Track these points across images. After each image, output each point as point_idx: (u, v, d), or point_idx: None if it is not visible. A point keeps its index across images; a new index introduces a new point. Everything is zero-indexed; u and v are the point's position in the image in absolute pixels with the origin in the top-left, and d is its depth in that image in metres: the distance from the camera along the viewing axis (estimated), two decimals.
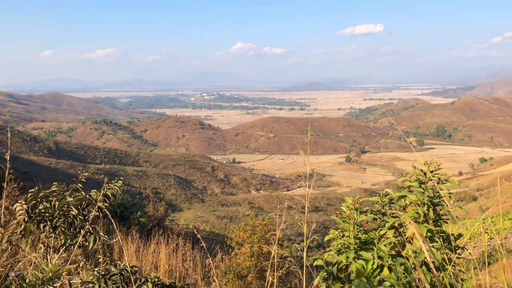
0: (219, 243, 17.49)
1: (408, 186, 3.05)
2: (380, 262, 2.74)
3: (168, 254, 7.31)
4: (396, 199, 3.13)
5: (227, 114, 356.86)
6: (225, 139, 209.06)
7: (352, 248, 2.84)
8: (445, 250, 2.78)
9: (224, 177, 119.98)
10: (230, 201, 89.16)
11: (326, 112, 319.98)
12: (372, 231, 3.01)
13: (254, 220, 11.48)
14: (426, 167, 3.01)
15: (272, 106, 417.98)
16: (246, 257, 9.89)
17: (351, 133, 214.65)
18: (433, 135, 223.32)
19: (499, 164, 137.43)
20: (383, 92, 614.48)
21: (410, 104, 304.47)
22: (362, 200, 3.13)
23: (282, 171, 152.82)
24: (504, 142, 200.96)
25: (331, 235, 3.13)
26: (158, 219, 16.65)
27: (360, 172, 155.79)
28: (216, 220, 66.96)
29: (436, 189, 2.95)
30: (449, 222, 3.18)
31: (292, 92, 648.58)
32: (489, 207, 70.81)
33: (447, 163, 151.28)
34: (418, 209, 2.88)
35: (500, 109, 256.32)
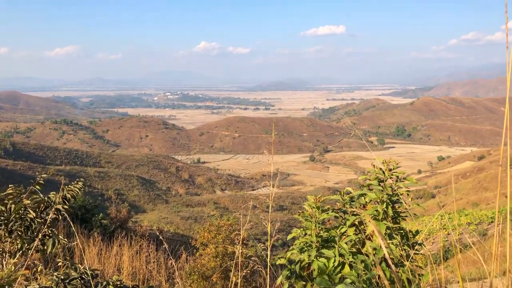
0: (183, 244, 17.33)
1: (368, 185, 3.12)
2: (342, 259, 2.79)
3: (131, 256, 7.19)
4: (356, 197, 3.19)
5: (192, 114, 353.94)
6: (190, 139, 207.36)
7: (314, 247, 2.89)
8: (404, 247, 2.86)
9: (188, 178, 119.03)
10: (195, 202, 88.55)
11: (290, 112, 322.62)
12: (334, 229, 3.06)
13: (219, 220, 11.44)
14: (384, 165, 3.09)
15: (237, 106, 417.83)
16: (211, 257, 9.85)
17: (315, 133, 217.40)
18: (394, 134, 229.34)
19: (456, 162, 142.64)
20: (345, 92, 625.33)
21: (371, 104, 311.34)
22: (323, 199, 3.18)
23: (247, 170, 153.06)
24: (461, 141, 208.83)
25: (293, 234, 3.16)
26: (121, 221, 16.34)
27: (324, 171, 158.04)
28: (180, 221, 66.37)
29: (395, 187, 3.03)
30: (408, 219, 3.28)
31: (257, 92, 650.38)
32: (446, 204, 73.38)
33: (407, 162, 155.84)
34: (377, 207, 2.95)
35: (457, 109, 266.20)
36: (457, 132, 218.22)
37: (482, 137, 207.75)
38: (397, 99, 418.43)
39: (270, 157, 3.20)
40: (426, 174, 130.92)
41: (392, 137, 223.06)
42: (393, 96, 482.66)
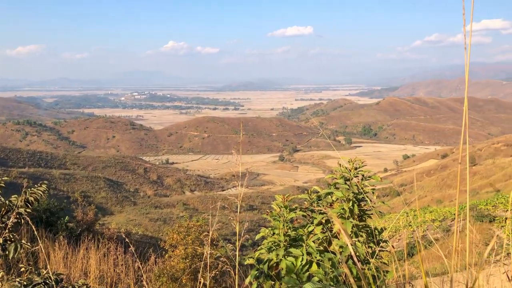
0: (152, 246, 17.12)
1: (335, 183, 3.16)
2: (309, 258, 2.82)
3: (98, 260, 7.04)
4: (323, 196, 3.23)
5: (160, 114, 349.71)
6: (158, 140, 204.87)
7: (282, 246, 2.90)
8: (370, 244, 2.92)
9: (157, 179, 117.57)
10: (164, 203, 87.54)
11: (259, 112, 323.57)
12: (302, 228, 3.09)
13: (188, 221, 11.37)
14: (350, 164, 3.14)
15: (206, 106, 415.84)
16: (180, 259, 9.77)
17: (284, 133, 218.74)
18: (360, 133, 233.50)
19: (421, 161, 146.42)
20: (313, 92, 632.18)
21: (339, 104, 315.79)
22: (291, 198, 3.20)
23: (217, 171, 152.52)
24: (425, 140, 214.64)
25: (262, 233, 3.17)
26: (87, 224, 15.97)
27: (293, 170, 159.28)
28: (149, 222, 65.47)
29: (360, 185, 3.08)
30: (374, 217, 3.34)
31: (226, 92, 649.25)
32: (412, 201, 75.26)
33: (374, 161, 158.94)
34: (344, 205, 3.00)
35: (421, 108, 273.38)
36: (421, 131, 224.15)
37: (445, 136, 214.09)
38: (364, 99, 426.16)
39: (238, 157, 3.21)
40: (392, 173, 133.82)
41: (359, 137, 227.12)
42: (360, 96, 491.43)
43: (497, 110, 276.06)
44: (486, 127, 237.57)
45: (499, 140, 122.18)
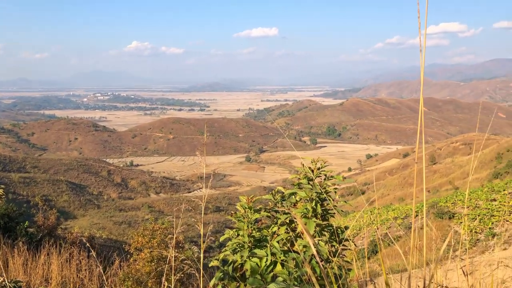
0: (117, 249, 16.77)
1: (298, 184, 3.19)
2: (273, 258, 2.84)
3: (60, 265, 6.84)
4: (287, 196, 3.26)
5: (123, 115, 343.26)
6: (122, 142, 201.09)
7: (247, 247, 2.90)
8: (333, 243, 2.96)
9: (121, 181, 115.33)
10: (129, 206, 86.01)
11: (225, 113, 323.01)
12: (266, 228, 3.10)
13: (154, 224, 11.22)
14: (313, 164, 3.18)
15: (171, 107, 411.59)
16: (145, 262, 9.63)
17: (250, 134, 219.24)
18: (325, 134, 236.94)
19: (383, 160, 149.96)
20: (279, 93, 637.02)
21: (304, 105, 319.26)
22: (255, 199, 3.21)
23: (183, 172, 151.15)
24: (387, 140, 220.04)
25: (226, 235, 3.16)
26: (49, 229, 15.49)
27: (260, 171, 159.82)
28: (113, 226, 64.22)
29: (323, 185, 3.13)
30: (338, 216, 3.40)
31: (191, 93, 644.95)
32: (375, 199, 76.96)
33: (338, 160, 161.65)
34: (307, 205, 3.03)
35: (383, 109, 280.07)
36: (384, 131, 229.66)
37: (406, 135, 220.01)
38: (328, 100, 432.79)
39: (203, 159, 3.19)
40: (356, 172, 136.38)
41: (324, 137, 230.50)
42: (324, 97, 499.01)
43: (455, 110, 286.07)
44: (445, 126, 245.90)
45: (457, 139, 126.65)
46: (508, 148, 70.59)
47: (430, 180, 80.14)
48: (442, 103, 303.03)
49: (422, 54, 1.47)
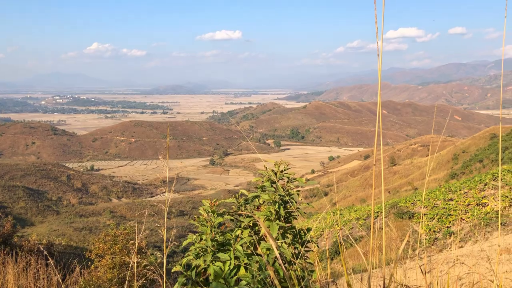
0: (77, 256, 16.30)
1: (262, 186, 3.20)
2: (237, 262, 2.82)
3: (17, 275, 6.58)
4: (250, 199, 3.26)
5: (83, 119, 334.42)
6: (82, 145, 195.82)
7: (210, 251, 2.88)
8: (296, 245, 2.98)
9: (81, 186, 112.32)
10: (89, 211, 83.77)
11: (189, 115, 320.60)
12: (229, 232, 3.09)
13: (115, 229, 10.99)
14: (276, 167, 3.19)
15: (133, 110, 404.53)
16: (107, 269, 9.42)
17: (214, 137, 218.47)
18: (289, 136, 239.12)
19: (345, 162, 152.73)
20: (243, 96, 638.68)
21: (268, 108, 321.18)
22: (218, 203, 3.19)
23: (145, 177, 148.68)
24: (349, 142, 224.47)
25: (189, 239, 3.13)
26: (4, 237, 14.89)
27: (224, 174, 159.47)
28: (73, 232, 62.36)
29: (286, 187, 3.14)
30: (302, 217, 3.43)
31: (154, 96, 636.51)
32: (338, 200, 78.30)
33: (302, 162, 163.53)
34: (270, 208, 3.04)
35: (345, 112, 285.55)
36: (345, 134, 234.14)
37: (367, 137, 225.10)
38: (291, 103, 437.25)
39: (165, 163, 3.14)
40: (319, 174, 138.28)
41: (288, 139, 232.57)
42: (288, 100, 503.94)
43: (413, 113, 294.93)
44: (404, 129, 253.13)
45: (416, 141, 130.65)
46: (464, 149, 73.37)
47: (391, 181, 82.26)
48: (401, 106, 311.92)
49: (379, 59, 1.56)
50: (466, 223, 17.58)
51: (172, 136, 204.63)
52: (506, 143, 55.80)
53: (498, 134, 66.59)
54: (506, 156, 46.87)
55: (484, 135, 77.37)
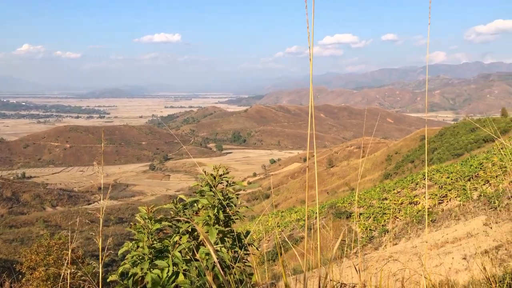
0: (7, 270, 15.35)
1: (200, 191, 3.18)
2: (176, 268, 2.78)
3: None
4: (189, 204, 3.22)
5: (13, 124, 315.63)
6: (12, 152, 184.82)
7: (147, 259, 2.81)
8: (235, 249, 2.98)
9: (11, 195, 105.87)
10: (21, 221, 79.09)
11: (127, 120, 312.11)
12: (168, 238, 3.03)
13: (49, 240, 10.52)
14: (215, 171, 3.18)
15: (68, 114, 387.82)
16: (40, 281, 8.99)
17: (154, 141, 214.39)
18: (230, 140, 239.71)
19: (286, 164, 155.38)
20: (183, 100, 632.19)
21: (209, 112, 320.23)
22: (156, 209, 3.13)
23: (81, 184, 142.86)
24: (289, 145, 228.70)
25: (125, 247, 3.04)
26: None
27: (165, 179, 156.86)
28: (3, 244, 58.58)
29: (225, 191, 3.15)
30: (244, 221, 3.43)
31: (90, 99, 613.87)
32: (279, 202, 79.44)
33: (244, 166, 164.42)
34: (209, 212, 3.02)
35: (285, 116, 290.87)
36: (286, 137, 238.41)
37: (306, 140, 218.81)
38: (233, 107, 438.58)
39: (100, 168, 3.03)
40: (261, 177, 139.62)
41: (230, 143, 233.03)
42: (229, 104, 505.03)
43: (349, 116, 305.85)
44: (341, 131, 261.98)
45: (352, 143, 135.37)
46: (396, 150, 77.01)
47: (329, 182, 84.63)
48: (338, 110, 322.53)
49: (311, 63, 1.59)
50: (399, 221, 18.46)
51: (109, 141, 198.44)
52: (435, 144, 59.30)
53: (427, 136, 70.63)
54: (435, 156, 49.78)
55: (414, 137, 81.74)
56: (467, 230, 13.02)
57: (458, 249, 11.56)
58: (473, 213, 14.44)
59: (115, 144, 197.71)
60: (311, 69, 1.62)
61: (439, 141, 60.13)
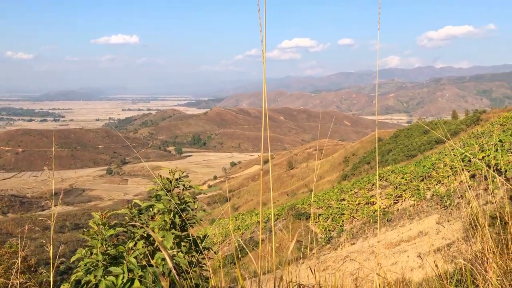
0: None
1: (156, 195, 3.13)
2: (131, 275, 2.72)
3: None
4: (144, 209, 3.17)
5: None
6: None
7: (101, 265, 2.74)
8: (192, 253, 2.96)
9: None
10: None
11: (83, 123, 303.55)
12: (122, 244, 2.97)
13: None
14: (171, 175, 3.15)
15: (20, 118, 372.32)
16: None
17: (111, 145, 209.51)
18: (190, 143, 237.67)
19: (246, 167, 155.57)
20: (141, 102, 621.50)
21: (168, 115, 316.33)
22: (110, 214, 3.06)
23: (35, 189, 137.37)
24: (249, 147, 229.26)
25: (78, 254, 2.95)
26: None
27: (123, 183, 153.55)
28: None
29: (182, 195, 3.11)
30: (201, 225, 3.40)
31: (44, 102, 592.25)
32: (240, 205, 79.43)
33: (204, 169, 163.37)
34: (165, 217, 2.98)
35: (245, 118, 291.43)
36: (246, 140, 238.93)
37: (266, 142, 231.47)
38: (192, 109, 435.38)
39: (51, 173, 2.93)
40: (221, 180, 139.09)
41: (189, 146, 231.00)
42: (188, 107, 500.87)
43: (308, 119, 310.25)
44: (300, 134, 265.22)
45: (310, 145, 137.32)
46: (353, 152, 78.77)
47: (289, 183, 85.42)
48: (297, 113, 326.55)
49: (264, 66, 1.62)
50: (357, 221, 18.87)
51: (64, 145, 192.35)
52: (390, 146, 61.08)
53: (383, 137, 72.67)
54: (390, 157, 51.28)
55: (370, 138, 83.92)
56: (421, 229, 13.48)
57: (413, 248, 11.95)
58: (426, 212, 14.97)
59: (70, 148, 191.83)
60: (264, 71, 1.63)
61: (394, 143, 62.03)
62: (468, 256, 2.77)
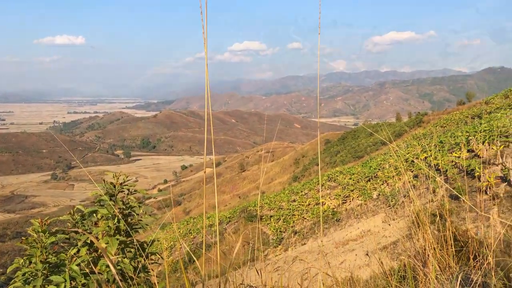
0: None
1: (99, 200, 3.05)
2: (74, 283, 2.63)
3: None
4: (87, 215, 3.07)
5: None
6: None
7: (41, 275, 2.62)
8: (138, 259, 2.90)
9: None
10: None
11: (25, 126, 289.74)
12: (64, 252, 2.86)
13: None
14: (115, 179, 3.08)
15: None
16: None
17: (56, 149, 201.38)
18: (139, 146, 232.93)
19: (198, 170, 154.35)
20: (88, 105, 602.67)
21: (116, 118, 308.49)
22: (50, 221, 2.94)
23: None
24: (201, 150, 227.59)
25: (15, 264, 2.81)
26: None
27: (68, 189, 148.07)
28: None
29: (127, 200, 3.05)
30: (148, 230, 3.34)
31: None
32: (192, 208, 78.71)
33: (154, 173, 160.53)
34: (109, 222, 2.90)
35: (195, 121, 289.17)
36: (197, 142, 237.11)
37: (217, 145, 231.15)
38: (141, 112, 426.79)
39: None
40: (172, 183, 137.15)
41: (138, 150, 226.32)
42: (137, 110, 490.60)
43: (259, 122, 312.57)
44: (252, 136, 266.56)
45: (262, 148, 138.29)
46: (303, 154, 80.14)
47: (241, 186, 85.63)
48: (248, 115, 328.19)
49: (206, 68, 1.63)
50: (307, 222, 19.19)
51: (5, 149, 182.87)
52: (338, 147, 62.68)
53: (331, 139, 74.42)
54: (338, 158, 52.61)
55: (320, 141, 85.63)
56: (368, 228, 13.92)
57: (360, 246, 12.32)
58: (373, 212, 15.48)
59: (11, 152, 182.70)
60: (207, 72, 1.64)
61: (342, 145, 63.72)
62: (411, 253, 2.89)
